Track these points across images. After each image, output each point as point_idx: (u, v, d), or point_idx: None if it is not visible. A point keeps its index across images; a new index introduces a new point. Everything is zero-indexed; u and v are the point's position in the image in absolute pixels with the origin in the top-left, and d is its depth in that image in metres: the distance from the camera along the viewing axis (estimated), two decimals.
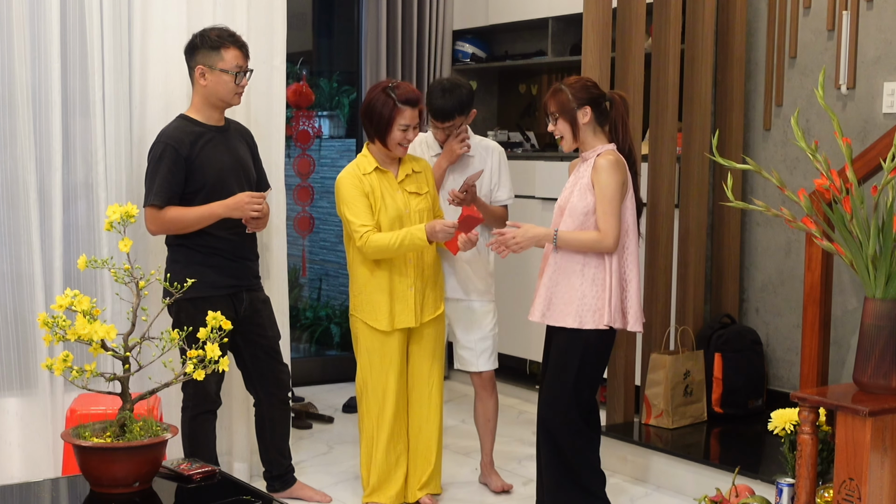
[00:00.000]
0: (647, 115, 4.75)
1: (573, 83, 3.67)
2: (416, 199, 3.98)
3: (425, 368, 4.06)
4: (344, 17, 6.49)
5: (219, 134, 3.93)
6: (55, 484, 3.04)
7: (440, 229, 3.82)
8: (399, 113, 3.87)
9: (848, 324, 4.62)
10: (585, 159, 3.67)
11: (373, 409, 4.02)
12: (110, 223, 2.83)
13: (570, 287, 3.62)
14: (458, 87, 4.12)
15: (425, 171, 4.07)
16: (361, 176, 3.95)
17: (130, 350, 2.76)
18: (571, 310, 3.60)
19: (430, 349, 4.06)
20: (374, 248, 3.87)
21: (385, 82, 3.98)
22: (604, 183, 3.56)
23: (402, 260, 3.94)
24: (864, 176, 3.69)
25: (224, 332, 2.75)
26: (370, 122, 3.93)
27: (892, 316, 3.04)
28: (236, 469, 4.38)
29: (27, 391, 4.05)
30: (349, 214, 3.90)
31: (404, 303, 3.95)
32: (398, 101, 3.87)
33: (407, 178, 3.99)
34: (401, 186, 3.97)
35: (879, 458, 2.99)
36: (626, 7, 4.58)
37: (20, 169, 3.98)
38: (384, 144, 3.93)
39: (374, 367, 4.00)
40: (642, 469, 4.47)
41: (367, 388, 4.02)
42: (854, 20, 4.59)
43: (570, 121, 3.64)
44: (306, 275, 6.44)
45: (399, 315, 3.95)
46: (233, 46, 3.87)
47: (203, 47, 3.86)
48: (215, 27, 3.94)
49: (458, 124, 4.15)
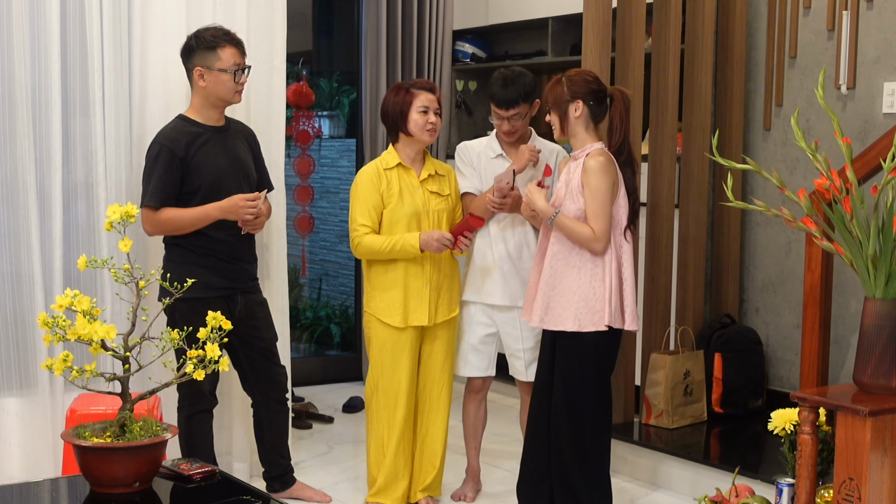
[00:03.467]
0: (647, 115, 4.75)
1: (573, 76, 3.65)
2: (436, 199, 3.99)
3: (437, 370, 4.06)
4: (344, 17, 6.49)
5: (217, 134, 3.93)
6: (55, 484, 3.04)
7: (436, 242, 3.82)
8: (414, 97, 3.91)
9: (848, 324, 4.62)
10: (575, 158, 3.65)
11: (383, 409, 4.00)
12: (110, 223, 2.84)
13: (567, 289, 3.60)
14: (521, 76, 4.03)
15: (449, 176, 4.07)
16: (382, 171, 3.96)
17: (130, 350, 2.75)
18: (570, 313, 3.59)
19: (442, 351, 4.05)
20: (366, 249, 3.90)
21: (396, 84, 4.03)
22: (594, 185, 3.54)
23: (419, 258, 3.93)
24: (864, 176, 3.69)
25: (224, 332, 2.75)
26: (388, 117, 3.96)
27: (892, 316, 3.04)
28: (236, 469, 4.38)
29: (27, 391, 4.05)
30: (354, 210, 3.93)
31: (419, 300, 3.95)
32: (411, 87, 3.94)
33: (430, 178, 4.00)
34: (422, 185, 3.97)
35: (879, 458, 2.99)
36: (626, 7, 4.58)
37: (20, 169, 3.98)
38: (407, 133, 3.93)
39: (385, 366, 3.99)
40: (642, 469, 4.47)
41: (378, 388, 4.01)
42: (854, 20, 4.59)
43: (559, 114, 3.64)
44: (306, 275, 6.44)
45: (413, 312, 3.95)
46: (229, 45, 3.86)
47: (199, 48, 3.85)
48: (209, 27, 3.93)
49: (522, 113, 4.02)
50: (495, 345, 4.18)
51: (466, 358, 4.16)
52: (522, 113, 4.03)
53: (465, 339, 4.16)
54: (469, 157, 4.15)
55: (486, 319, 4.13)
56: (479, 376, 4.20)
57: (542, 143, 4.14)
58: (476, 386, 4.24)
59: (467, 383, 4.26)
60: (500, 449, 4.85)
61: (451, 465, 4.61)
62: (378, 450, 4.05)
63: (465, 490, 4.28)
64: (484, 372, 4.18)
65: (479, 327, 4.13)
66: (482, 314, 4.13)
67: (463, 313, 4.17)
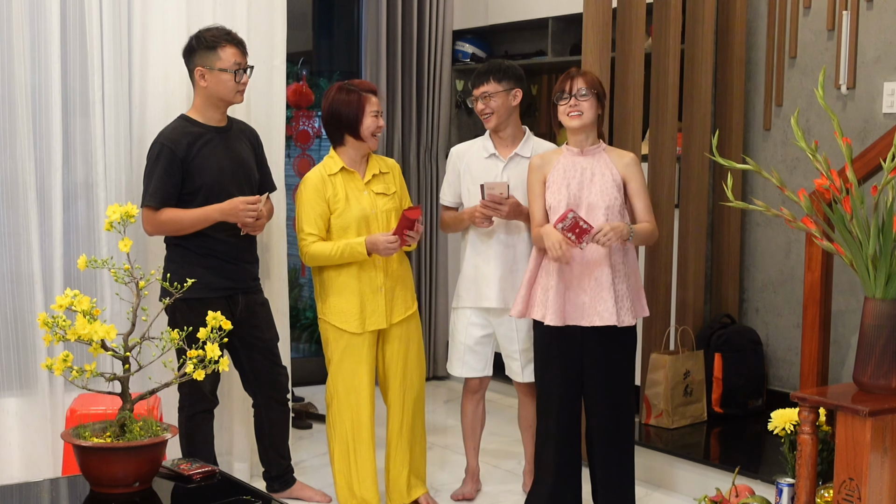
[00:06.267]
0: (647, 115, 4.75)
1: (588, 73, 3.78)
2: (382, 199, 3.96)
3: (399, 370, 4.02)
4: (344, 17, 6.49)
5: (219, 135, 3.93)
6: (55, 484, 3.03)
7: (382, 245, 3.80)
8: (366, 100, 3.90)
9: (848, 324, 4.63)
10: (588, 154, 3.71)
11: (346, 415, 3.95)
12: (110, 223, 2.84)
13: (621, 286, 3.68)
14: (503, 61, 4.12)
15: (393, 171, 4.04)
16: (326, 177, 3.93)
17: (130, 350, 2.76)
18: (628, 307, 3.68)
19: (402, 350, 4.02)
20: (312, 256, 3.89)
21: (335, 86, 3.96)
22: (643, 179, 3.73)
23: (370, 261, 3.92)
24: (864, 176, 3.69)
25: (224, 332, 2.75)
26: (339, 121, 3.90)
27: (892, 316, 3.04)
28: (236, 469, 4.39)
29: (27, 391, 4.05)
30: (300, 220, 3.91)
31: (375, 304, 3.93)
32: (361, 91, 3.92)
33: (374, 179, 3.97)
34: (367, 187, 3.95)
35: (879, 458, 2.99)
36: (626, 7, 4.58)
37: (20, 169, 3.98)
38: (358, 137, 3.90)
39: (345, 371, 3.94)
40: (642, 469, 4.46)
41: (337, 393, 3.96)
42: (854, 20, 4.59)
43: (598, 103, 3.72)
44: (306, 275, 6.44)
45: (370, 317, 3.93)
46: (229, 45, 3.86)
47: (200, 48, 3.85)
48: (211, 27, 3.93)
49: (491, 92, 3.99)
50: (492, 345, 4.18)
51: (463, 359, 4.16)
52: (491, 92, 4.00)
53: (459, 340, 4.16)
54: (456, 163, 4.14)
55: (481, 321, 4.13)
56: (475, 377, 4.20)
57: (539, 143, 4.14)
58: (473, 386, 4.24)
59: (465, 384, 4.26)
60: (499, 449, 4.85)
61: (450, 465, 4.62)
62: (343, 457, 3.98)
63: (464, 490, 4.28)
64: (481, 372, 4.18)
65: (475, 328, 4.13)
66: (477, 316, 4.13)
67: (458, 315, 4.17)
